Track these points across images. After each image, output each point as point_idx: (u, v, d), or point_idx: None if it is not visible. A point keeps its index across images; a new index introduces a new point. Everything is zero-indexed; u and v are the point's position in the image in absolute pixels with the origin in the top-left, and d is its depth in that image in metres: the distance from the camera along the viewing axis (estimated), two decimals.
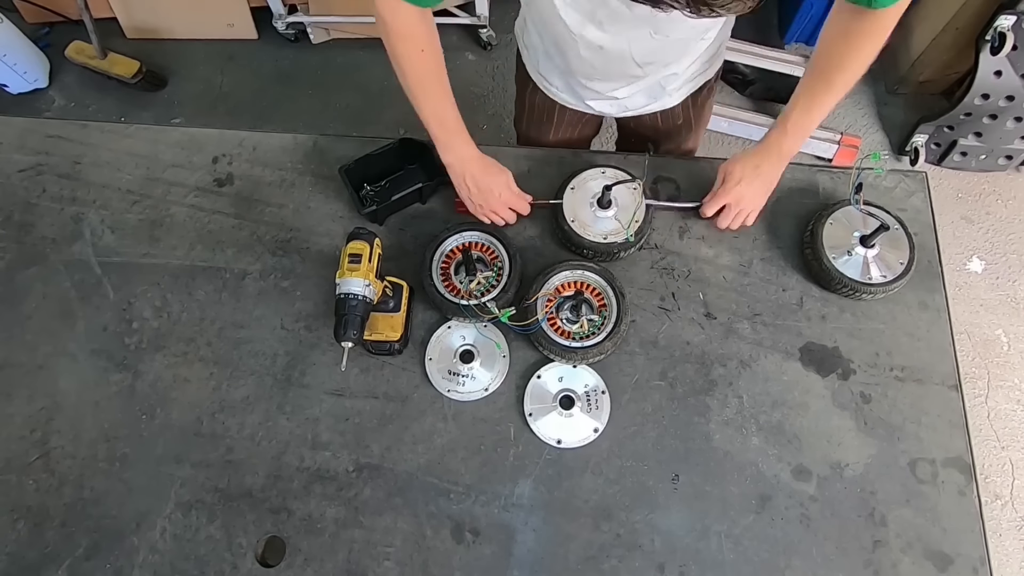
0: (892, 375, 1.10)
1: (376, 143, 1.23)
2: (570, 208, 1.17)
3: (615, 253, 1.15)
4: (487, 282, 1.13)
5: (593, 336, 1.08)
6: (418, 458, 1.06)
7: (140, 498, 1.05)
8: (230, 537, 1.02)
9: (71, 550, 1.02)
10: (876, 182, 1.25)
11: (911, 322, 1.14)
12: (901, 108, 2.45)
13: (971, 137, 2.24)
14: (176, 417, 1.09)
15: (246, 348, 1.14)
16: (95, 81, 2.49)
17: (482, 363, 1.11)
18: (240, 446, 1.07)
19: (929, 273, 1.18)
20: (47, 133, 1.34)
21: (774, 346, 1.12)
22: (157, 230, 1.24)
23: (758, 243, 1.20)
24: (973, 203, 2.33)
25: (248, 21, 2.57)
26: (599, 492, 1.03)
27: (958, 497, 1.03)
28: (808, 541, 1.00)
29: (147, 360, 1.13)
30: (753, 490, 1.03)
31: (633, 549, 1.00)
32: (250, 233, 1.23)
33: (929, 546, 1.00)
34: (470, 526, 1.02)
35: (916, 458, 1.05)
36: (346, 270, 0.95)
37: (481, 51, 2.59)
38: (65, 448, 1.08)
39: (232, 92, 2.56)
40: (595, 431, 1.07)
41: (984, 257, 2.24)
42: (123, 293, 1.19)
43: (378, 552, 1.00)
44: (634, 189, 1.15)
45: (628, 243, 1.13)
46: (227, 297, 1.18)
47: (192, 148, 1.31)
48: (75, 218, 1.25)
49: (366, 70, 2.60)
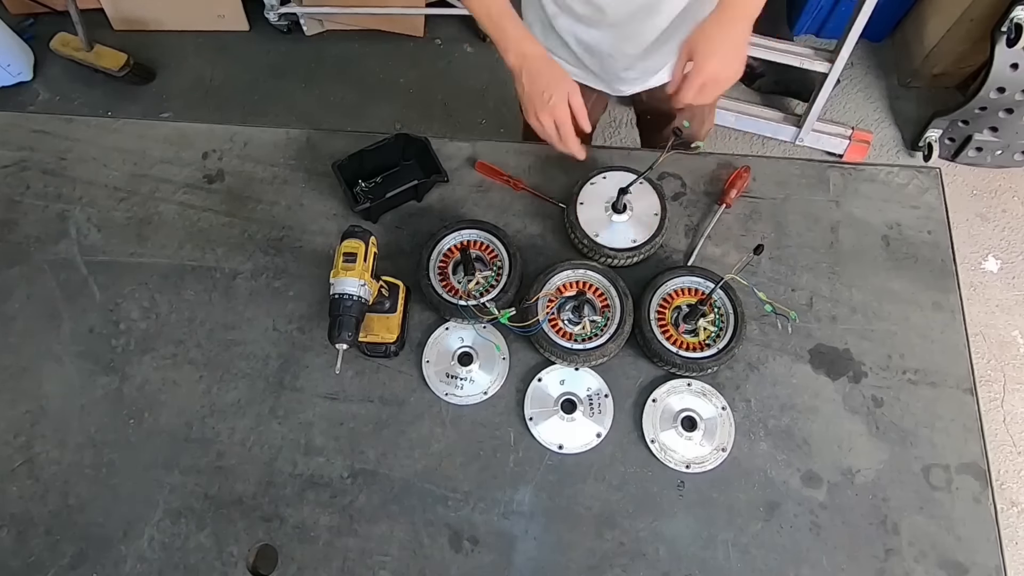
0: (905, 378, 1.10)
1: (371, 138, 1.23)
2: (584, 213, 1.17)
3: (634, 256, 1.15)
4: (486, 282, 1.13)
5: (596, 338, 1.08)
6: (415, 464, 1.06)
7: (127, 505, 1.05)
8: (220, 546, 1.02)
9: (56, 559, 1.02)
10: (888, 178, 1.26)
11: (925, 323, 1.14)
12: (914, 102, 2.45)
13: (986, 132, 2.23)
14: (165, 422, 1.09)
15: (237, 350, 1.14)
16: (81, 74, 2.49)
17: (481, 366, 1.11)
18: (231, 451, 1.07)
19: (943, 272, 1.18)
20: (31, 128, 1.34)
21: (783, 348, 1.12)
22: (145, 228, 1.24)
23: (766, 241, 1.20)
24: (989, 200, 2.33)
25: (239, 12, 2.57)
26: (602, 499, 1.03)
27: (973, 504, 1.03)
28: (818, 550, 1.00)
29: (135, 363, 1.13)
30: (761, 497, 1.03)
31: (637, 558, 1.00)
32: (241, 231, 1.23)
33: (943, 555, 1.00)
34: (469, 534, 1.02)
35: (930, 464, 1.05)
36: (340, 269, 0.95)
37: (480, 43, 2.59)
38: (50, 454, 1.08)
39: (223, 85, 2.56)
40: (598, 436, 1.07)
41: (1000, 256, 2.24)
42: (110, 293, 1.19)
43: (373, 561, 1.00)
44: (640, 182, 1.15)
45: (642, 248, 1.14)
46: (217, 297, 1.18)
47: (181, 143, 1.31)
48: (60, 216, 1.25)
49: (361, 63, 2.60)
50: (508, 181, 1.24)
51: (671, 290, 1.12)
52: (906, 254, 1.19)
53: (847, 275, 1.18)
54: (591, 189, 1.18)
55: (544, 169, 1.27)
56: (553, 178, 1.26)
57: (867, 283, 1.17)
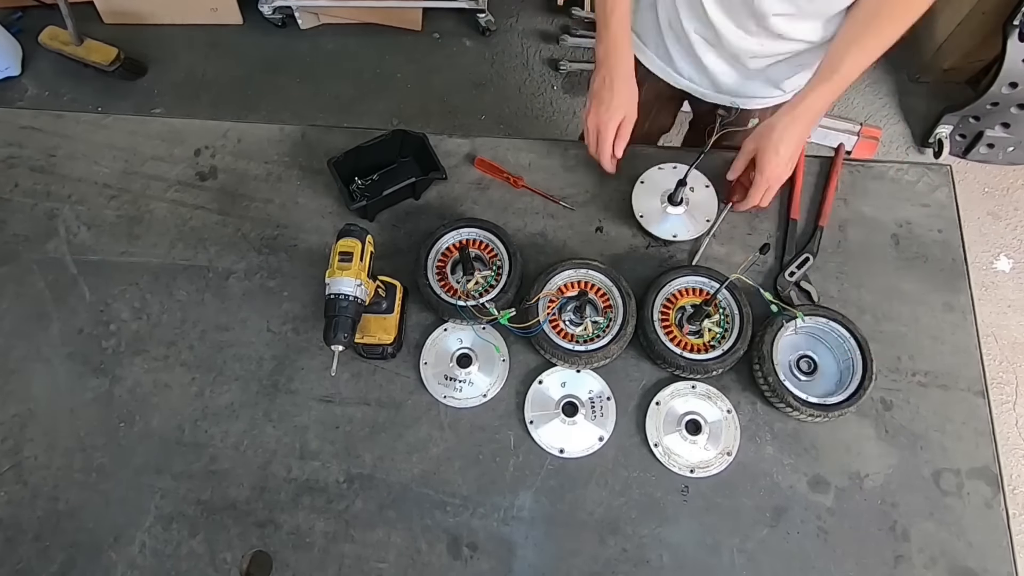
0: (915, 380, 1.10)
1: (367, 134, 1.23)
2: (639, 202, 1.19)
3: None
4: (486, 282, 1.13)
5: (598, 339, 1.08)
6: (412, 468, 1.06)
7: (118, 511, 1.05)
8: (213, 552, 1.02)
9: (45, 566, 1.02)
10: (897, 176, 1.26)
11: (935, 324, 1.14)
12: (924, 97, 2.45)
13: (998, 128, 2.24)
14: (156, 425, 1.09)
15: (230, 352, 1.14)
16: (71, 69, 2.49)
17: (480, 368, 1.11)
18: (224, 455, 1.07)
19: (954, 272, 1.18)
20: (19, 124, 1.33)
21: None
22: (136, 227, 1.24)
23: (772, 240, 1.20)
24: (1000, 198, 2.33)
25: (232, 5, 2.57)
26: (604, 504, 1.04)
27: (984, 509, 1.03)
28: (826, 556, 1.00)
29: (125, 364, 1.13)
30: (767, 502, 1.03)
31: (640, 565, 1.00)
32: (234, 230, 1.23)
33: (954, 561, 1.00)
34: (468, 540, 1.02)
35: (940, 468, 1.05)
36: (336, 269, 0.95)
37: (480, 37, 2.59)
38: (39, 458, 1.08)
39: (215, 80, 2.57)
40: (600, 440, 1.07)
41: (1012, 255, 2.24)
42: (100, 293, 1.19)
43: (370, 568, 1.00)
44: (706, 187, 1.20)
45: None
46: (210, 298, 1.18)
47: (173, 140, 1.31)
48: (49, 214, 1.25)
49: (357, 57, 2.60)
50: (507, 178, 1.24)
51: (675, 290, 1.12)
52: (916, 253, 1.19)
53: (855, 275, 1.18)
54: (642, 187, 1.21)
55: (545, 167, 1.27)
56: (554, 174, 1.26)
57: (876, 283, 1.17)
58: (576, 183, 1.25)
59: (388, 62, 2.60)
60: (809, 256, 1.17)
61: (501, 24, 2.59)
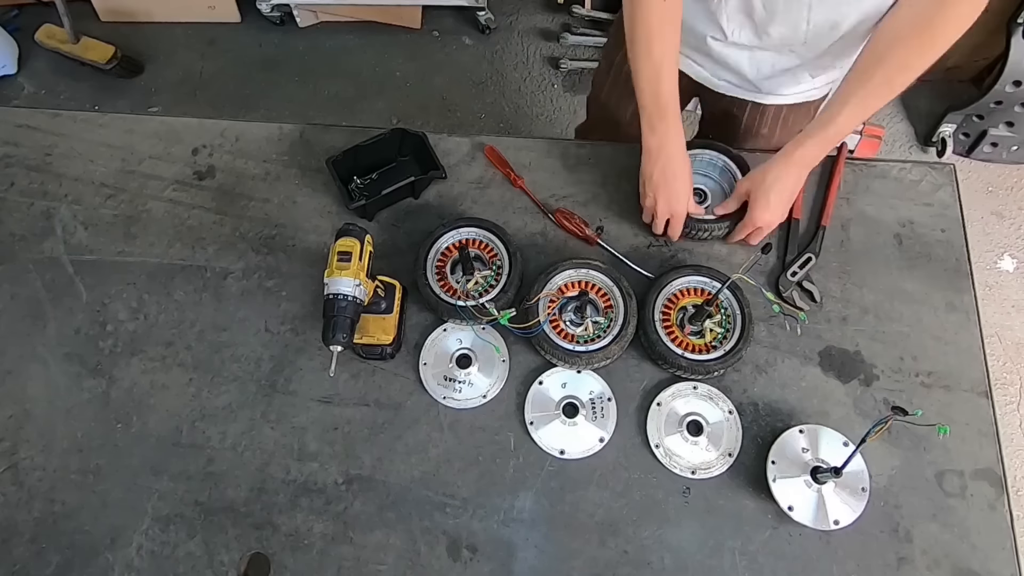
0: (918, 381, 1.10)
1: (366, 133, 1.23)
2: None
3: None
4: (485, 282, 1.13)
5: (599, 339, 1.08)
6: (412, 470, 1.06)
7: (115, 512, 1.05)
8: (211, 554, 1.02)
9: (41, 568, 1.02)
10: (900, 175, 1.26)
11: (938, 324, 1.14)
12: (927, 96, 2.45)
13: (1002, 127, 2.24)
14: (153, 426, 1.09)
15: (228, 352, 1.14)
16: (67, 67, 2.49)
17: (480, 368, 1.11)
18: (222, 457, 1.07)
19: (957, 272, 1.18)
20: (16, 123, 1.33)
21: (791, 350, 1.12)
22: (133, 226, 1.24)
23: (773, 240, 1.20)
24: (1004, 197, 2.33)
25: (230, 3, 2.57)
26: (605, 506, 1.04)
27: (988, 511, 1.03)
28: (828, 558, 1.00)
29: (122, 365, 1.13)
30: (769, 504, 1.03)
31: (641, 567, 1.00)
32: (232, 229, 1.23)
33: (957, 564, 1.00)
34: (467, 542, 1.02)
35: (943, 470, 1.05)
36: (335, 269, 0.95)
37: (479, 35, 2.59)
38: (35, 459, 1.08)
39: (213, 79, 2.57)
40: (600, 441, 1.07)
41: (1016, 255, 2.24)
42: (97, 293, 1.19)
43: (369, 570, 1.00)
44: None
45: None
46: (208, 298, 1.18)
47: (170, 139, 1.31)
48: (45, 213, 1.25)
49: (356, 55, 2.60)
50: (510, 174, 1.24)
51: (676, 290, 1.12)
52: (919, 253, 1.19)
53: (858, 274, 1.18)
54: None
55: (546, 166, 1.26)
56: (555, 173, 1.26)
57: (879, 283, 1.17)
58: (577, 182, 1.25)
59: (387, 60, 2.60)
60: (811, 256, 1.17)
61: (501, 22, 2.59)
